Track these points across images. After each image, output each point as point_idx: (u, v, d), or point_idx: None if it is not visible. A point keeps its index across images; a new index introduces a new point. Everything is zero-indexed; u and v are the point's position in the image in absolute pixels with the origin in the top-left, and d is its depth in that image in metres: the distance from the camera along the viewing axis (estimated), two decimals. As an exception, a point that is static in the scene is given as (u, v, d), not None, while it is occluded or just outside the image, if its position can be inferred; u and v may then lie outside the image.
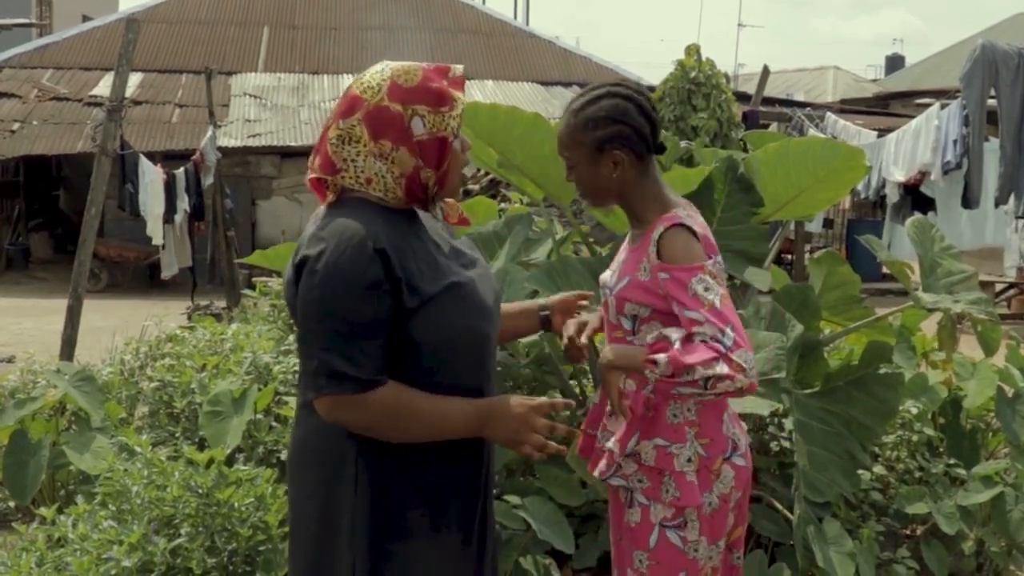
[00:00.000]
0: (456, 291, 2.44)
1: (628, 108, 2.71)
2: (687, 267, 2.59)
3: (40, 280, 17.71)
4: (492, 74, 22.42)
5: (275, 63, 21.99)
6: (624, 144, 2.70)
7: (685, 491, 2.68)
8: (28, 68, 20.57)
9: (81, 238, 7.46)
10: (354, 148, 2.44)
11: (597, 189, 2.78)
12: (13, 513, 5.77)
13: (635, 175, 2.75)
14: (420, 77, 2.49)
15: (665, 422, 2.72)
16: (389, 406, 2.36)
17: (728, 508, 2.77)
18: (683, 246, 2.63)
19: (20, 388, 6.11)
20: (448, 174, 2.51)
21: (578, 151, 2.74)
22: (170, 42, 21.81)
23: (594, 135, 2.70)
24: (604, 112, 2.70)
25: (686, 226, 2.65)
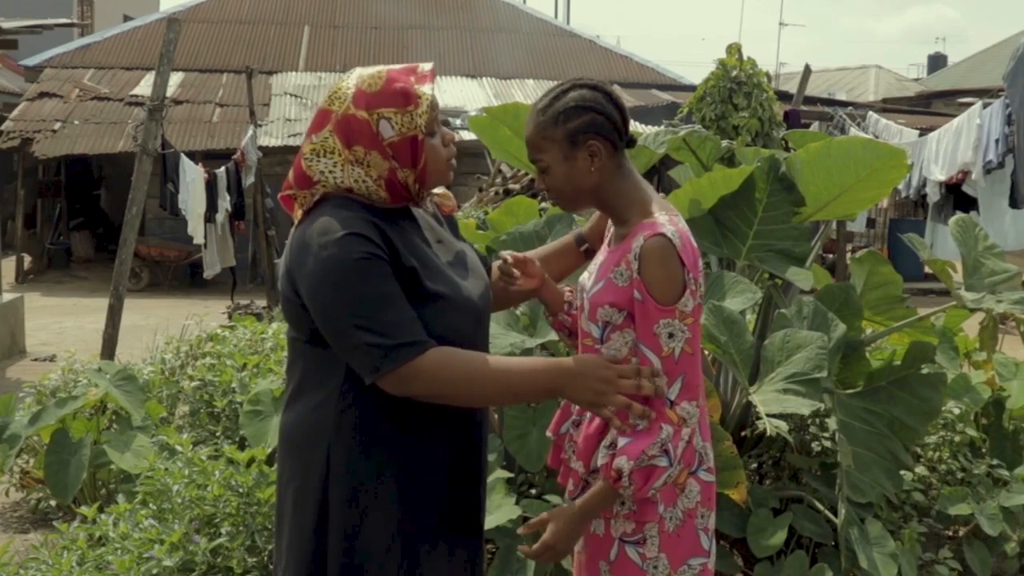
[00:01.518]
0: (441, 292, 2.45)
1: (597, 96, 2.61)
2: (660, 307, 2.46)
3: (81, 279, 17.88)
4: (532, 73, 22.41)
5: (316, 62, 22.08)
6: (599, 133, 2.58)
7: (643, 506, 2.55)
8: (70, 68, 20.76)
9: (122, 237, 7.51)
10: (330, 159, 2.48)
11: (574, 188, 2.63)
12: (54, 512, 5.83)
13: (612, 169, 2.62)
14: (383, 80, 2.51)
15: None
16: (451, 368, 2.36)
17: (696, 525, 2.62)
18: (662, 268, 2.47)
19: (61, 387, 6.17)
20: (426, 170, 2.53)
21: (550, 149, 2.60)
22: (211, 41, 21.96)
23: (566, 127, 2.57)
24: (573, 102, 2.59)
25: (667, 237, 2.49)
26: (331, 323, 2.37)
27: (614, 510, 2.58)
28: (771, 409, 3.57)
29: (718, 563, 3.89)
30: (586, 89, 2.62)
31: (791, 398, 3.62)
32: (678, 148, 4.58)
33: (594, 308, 2.58)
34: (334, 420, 2.44)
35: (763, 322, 4.49)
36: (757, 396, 3.71)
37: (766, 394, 3.69)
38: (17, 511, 6.13)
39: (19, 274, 17.50)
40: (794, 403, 3.59)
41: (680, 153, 4.66)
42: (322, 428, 2.45)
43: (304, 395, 2.50)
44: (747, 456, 4.33)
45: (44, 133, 17.75)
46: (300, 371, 2.52)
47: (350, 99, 2.50)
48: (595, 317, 2.59)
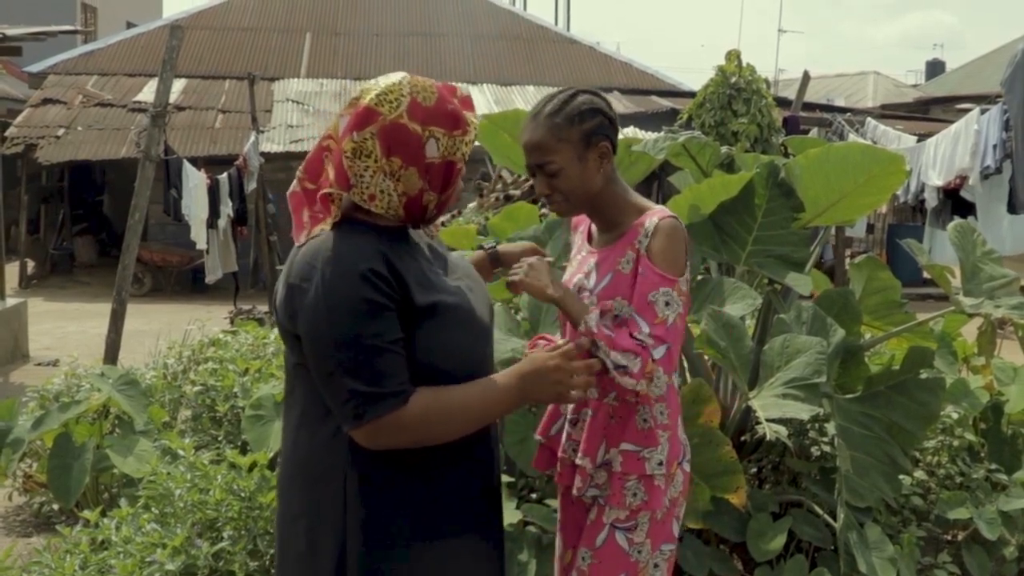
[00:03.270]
0: (449, 312, 2.37)
1: (601, 102, 2.72)
2: (663, 275, 2.60)
3: (84, 284, 17.90)
4: (533, 80, 22.44)
5: (317, 69, 22.11)
6: (607, 136, 2.70)
7: (652, 495, 2.69)
8: (73, 74, 20.78)
9: (125, 242, 7.54)
10: (363, 163, 2.36)
11: (584, 190, 2.69)
12: (57, 516, 5.85)
13: (610, 173, 2.74)
14: (437, 97, 2.41)
15: (634, 428, 2.71)
16: (431, 410, 2.29)
17: (674, 513, 2.78)
18: (673, 242, 2.63)
19: (64, 391, 6.19)
20: (450, 199, 2.46)
21: (564, 150, 2.65)
22: (213, 48, 21.99)
23: (582, 128, 2.66)
24: (587, 105, 2.68)
25: (679, 220, 2.68)
26: (319, 360, 2.29)
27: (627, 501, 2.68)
28: (770, 414, 3.60)
29: (718, 567, 3.93)
30: (591, 94, 2.73)
31: (790, 403, 3.64)
32: (678, 154, 4.61)
33: (607, 301, 2.67)
34: (348, 454, 2.33)
35: (762, 327, 4.52)
36: (757, 401, 3.73)
37: (765, 399, 3.71)
38: (20, 515, 6.14)
39: (22, 279, 17.53)
40: (793, 408, 3.61)
41: (680, 159, 4.69)
42: (336, 462, 2.35)
43: (310, 424, 2.39)
44: (746, 461, 4.35)
45: (48, 139, 17.78)
46: (302, 399, 2.42)
47: (405, 108, 2.37)
48: (599, 311, 2.66)
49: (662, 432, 2.72)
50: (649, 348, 2.54)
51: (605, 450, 2.72)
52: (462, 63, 22.83)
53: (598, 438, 2.71)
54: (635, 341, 2.55)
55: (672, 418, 2.75)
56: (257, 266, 13.62)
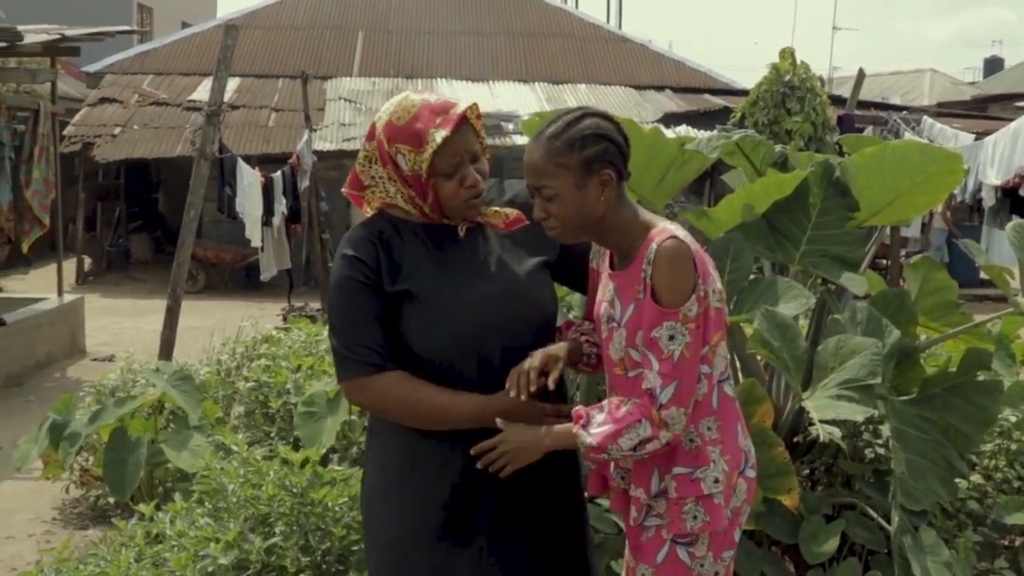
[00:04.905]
0: (418, 303, 2.63)
1: (609, 126, 2.59)
2: (662, 310, 2.47)
3: (139, 281, 18.11)
4: (584, 78, 22.40)
5: (370, 67, 22.21)
6: (611, 163, 2.56)
7: (714, 515, 2.58)
8: (129, 74, 21.04)
9: (180, 240, 7.61)
10: (372, 169, 2.73)
11: (581, 217, 2.57)
12: (113, 509, 5.92)
13: (615, 200, 2.58)
14: (411, 116, 2.66)
15: (683, 450, 2.59)
16: (394, 390, 2.61)
17: (738, 521, 2.68)
18: (673, 268, 2.48)
19: (120, 387, 6.27)
20: (439, 204, 2.68)
21: (562, 176, 2.53)
22: (267, 47, 22.15)
23: (582, 155, 2.52)
24: (590, 130, 2.55)
25: (680, 240, 2.50)
26: (329, 323, 2.72)
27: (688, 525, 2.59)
28: (824, 415, 3.56)
29: (770, 569, 3.90)
30: (598, 118, 2.59)
31: (844, 404, 3.60)
32: (731, 153, 4.58)
33: (632, 334, 2.56)
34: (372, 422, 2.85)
35: (816, 328, 4.48)
36: (810, 402, 3.70)
37: (819, 400, 3.68)
38: (77, 508, 6.23)
39: (79, 276, 17.76)
40: (847, 409, 3.58)
41: (733, 158, 4.66)
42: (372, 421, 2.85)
43: None
44: (799, 462, 4.31)
45: (104, 138, 18.01)
46: None
47: (383, 125, 2.70)
48: (635, 343, 2.56)
49: (712, 448, 2.60)
50: (655, 395, 2.47)
51: (659, 479, 2.61)
52: (514, 61, 22.84)
53: (649, 467, 2.62)
54: (628, 411, 2.48)
55: (724, 431, 2.63)
56: (310, 263, 13.68)
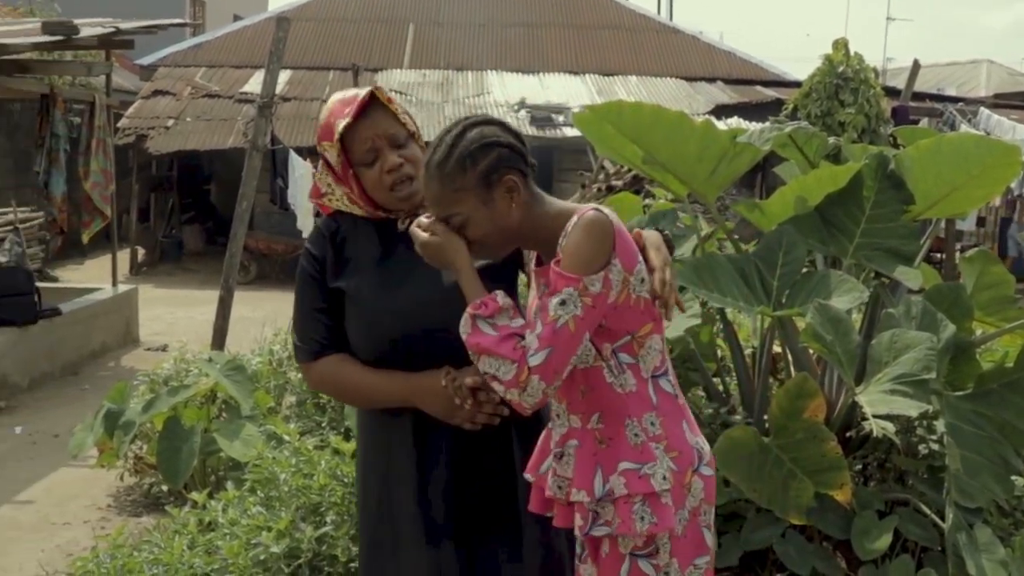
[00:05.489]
0: (351, 298, 2.75)
1: (494, 131, 2.45)
2: (563, 273, 2.32)
3: (192, 271, 18.26)
4: (635, 70, 22.31)
5: (420, 60, 22.26)
6: (510, 166, 2.43)
7: (661, 515, 2.42)
8: (182, 67, 21.22)
9: (232, 231, 7.67)
10: (323, 174, 2.83)
11: (500, 232, 2.45)
12: (166, 497, 5.99)
13: (528, 200, 2.46)
14: (328, 113, 2.77)
15: (628, 445, 2.45)
16: (328, 375, 2.80)
17: (699, 523, 2.52)
18: (587, 237, 2.34)
19: (173, 376, 6.33)
20: (367, 196, 2.76)
21: (465, 199, 2.42)
22: (318, 39, 22.25)
23: (477, 171, 2.40)
24: (476, 143, 2.41)
25: (605, 214, 2.37)
26: None
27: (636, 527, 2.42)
28: (878, 410, 3.53)
29: (821, 565, 3.87)
30: (481, 125, 2.46)
31: (898, 399, 3.57)
32: (784, 145, 4.55)
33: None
34: None
35: (870, 322, 4.44)
36: (863, 396, 3.67)
37: (873, 395, 3.65)
38: (131, 495, 6.31)
39: (133, 266, 17.94)
40: (901, 404, 3.54)
41: (786, 150, 4.63)
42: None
43: None
44: (852, 457, 4.27)
45: (158, 130, 18.17)
46: None
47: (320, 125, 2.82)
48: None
49: (655, 444, 2.45)
50: (525, 355, 2.32)
51: (604, 479, 2.44)
52: (564, 53, 22.80)
53: (591, 468, 2.45)
54: (518, 349, 2.34)
55: (667, 427, 2.48)
56: (359, 255, 13.75)
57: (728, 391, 4.53)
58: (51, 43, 9.15)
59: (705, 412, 4.29)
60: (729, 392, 4.52)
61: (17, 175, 17.26)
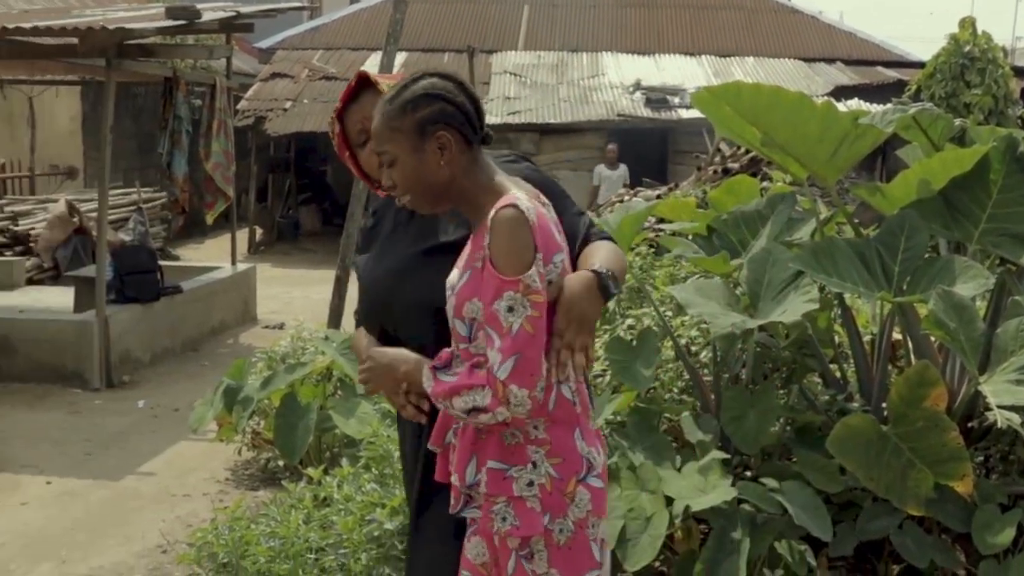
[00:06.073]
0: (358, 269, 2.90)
1: (447, 85, 2.45)
2: (502, 278, 2.28)
3: (308, 251, 18.55)
4: (753, 51, 22.01)
5: (535, 41, 22.24)
6: (449, 123, 2.41)
7: (525, 520, 2.36)
8: (300, 49, 21.52)
9: (349, 211, 7.76)
10: None
11: (425, 183, 2.44)
12: (282, 472, 6.10)
13: (466, 163, 2.44)
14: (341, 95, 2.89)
15: (501, 443, 2.40)
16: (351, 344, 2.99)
17: (587, 536, 2.43)
18: (511, 236, 2.30)
19: (290, 354, 6.44)
20: (367, 176, 2.87)
21: (398, 140, 2.43)
22: (433, 21, 22.37)
23: (414, 117, 2.41)
24: (422, 90, 2.43)
25: (519, 208, 2.32)
26: None
27: (495, 526, 2.39)
28: (1002, 400, 3.43)
29: (940, 557, 3.79)
30: (437, 78, 2.46)
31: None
32: (907, 127, 4.44)
33: (460, 304, 2.40)
34: None
35: (995, 309, 4.31)
36: (987, 386, 3.57)
37: (997, 384, 3.55)
38: (248, 469, 6.44)
39: (251, 245, 18.29)
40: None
41: (909, 132, 4.52)
42: None
43: None
44: (973, 448, 4.17)
45: (276, 112, 18.47)
46: None
47: None
48: (461, 314, 2.40)
49: (535, 448, 2.39)
50: (494, 371, 2.28)
51: (476, 469, 2.42)
52: (680, 34, 22.57)
53: (468, 455, 2.43)
54: (476, 374, 2.32)
55: (554, 432, 2.41)
56: (473, 236, 13.81)
57: (845, 378, 4.45)
58: (174, 28, 9.35)
59: (821, 399, 4.23)
60: (846, 379, 4.44)
61: (141, 156, 17.72)
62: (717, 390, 4.26)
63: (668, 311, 4.96)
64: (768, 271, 4.08)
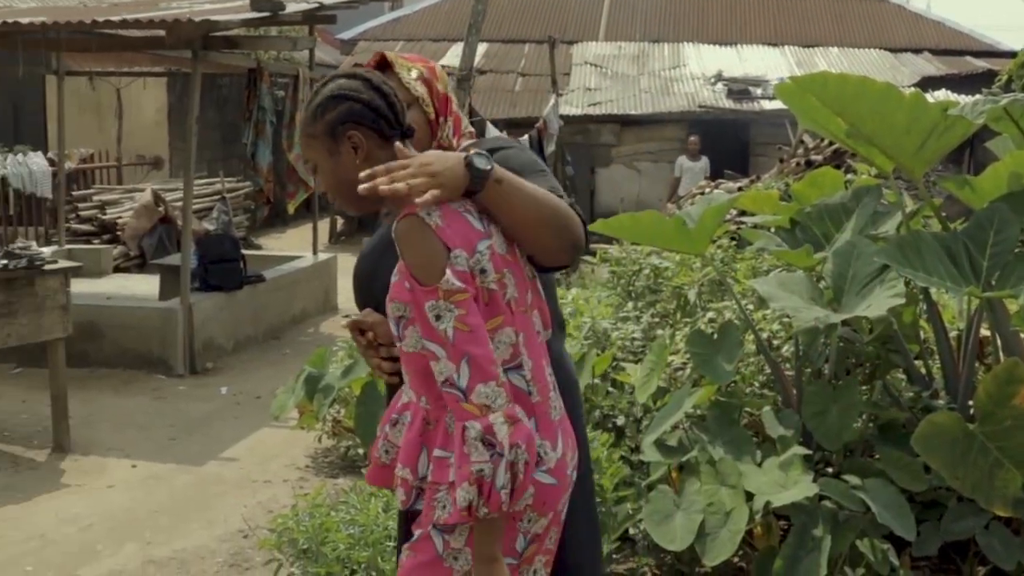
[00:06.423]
0: None
1: (354, 84, 2.44)
2: (425, 288, 2.24)
3: (389, 241, 18.65)
4: (837, 40, 21.72)
5: (616, 31, 22.17)
6: (358, 122, 2.41)
7: (456, 507, 2.27)
8: (381, 41, 21.68)
9: (430, 202, 7.79)
10: None
11: (347, 184, 2.41)
12: (362, 459, 6.14)
13: (384, 160, 2.38)
14: None
15: (445, 432, 2.34)
16: None
17: (517, 528, 2.36)
18: (416, 247, 2.27)
19: (372, 343, 6.46)
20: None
21: (314, 147, 2.45)
22: (514, 12, 22.39)
23: (324, 121, 2.42)
24: (329, 93, 2.43)
25: (417, 216, 2.26)
26: None
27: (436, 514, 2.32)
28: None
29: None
30: (344, 79, 2.46)
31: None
32: (998, 118, 4.34)
33: (388, 304, 2.37)
34: None
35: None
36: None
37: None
38: (328, 457, 6.50)
39: (332, 235, 18.45)
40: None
41: (1000, 124, 4.42)
42: None
43: None
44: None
45: (357, 102, 18.61)
46: None
47: None
48: (388, 313, 2.38)
49: None
50: (455, 383, 2.21)
51: (427, 460, 2.37)
52: (763, 24, 22.35)
53: (417, 447, 2.37)
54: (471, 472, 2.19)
55: None
56: (553, 228, 13.79)
57: (930, 374, 4.38)
58: (259, 19, 9.44)
59: (905, 395, 4.16)
60: (931, 375, 4.37)
61: (225, 147, 17.95)
62: (799, 385, 4.22)
63: (750, 304, 4.91)
64: (852, 265, 4.02)
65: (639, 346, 5.26)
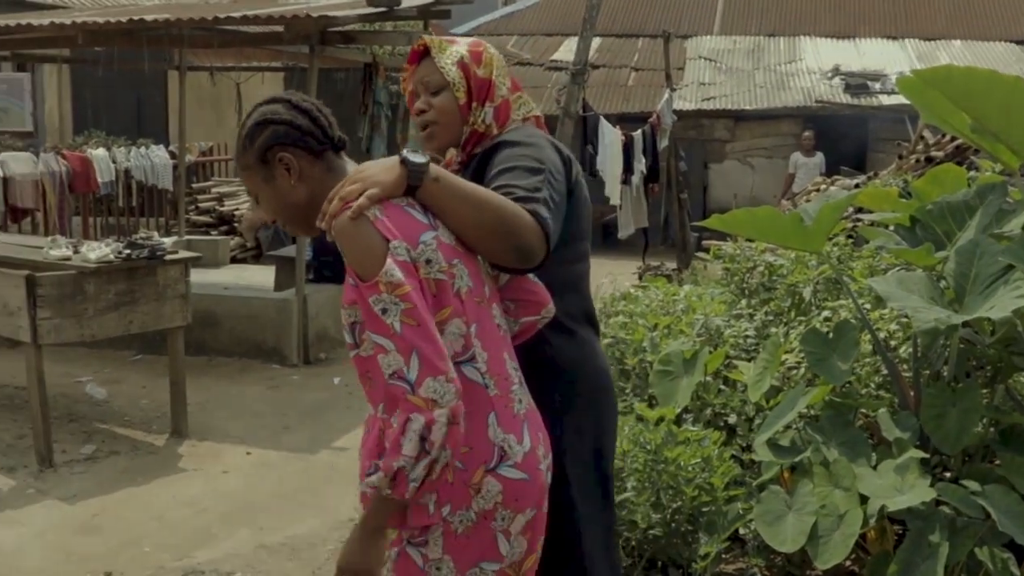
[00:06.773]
0: None
1: (274, 108, 2.46)
2: (367, 283, 2.23)
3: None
4: (960, 33, 21.17)
5: (731, 25, 21.94)
6: (284, 143, 2.42)
7: (413, 512, 2.28)
8: (495, 35, 21.72)
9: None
10: None
11: (289, 207, 2.46)
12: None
13: (319, 175, 2.44)
14: None
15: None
16: None
17: (492, 528, 2.34)
18: (354, 243, 2.28)
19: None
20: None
21: (251, 177, 2.48)
22: (628, 6, 22.29)
23: (254, 149, 2.44)
24: (252, 122, 2.46)
25: (347, 214, 2.28)
26: None
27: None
28: None
29: None
30: (265, 105, 2.49)
31: None
32: None
33: (342, 310, 2.38)
34: None
35: None
36: None
37: None
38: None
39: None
40: None
41: None
42: None
43: None
44: None
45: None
46: None
47: None
48: (343, 321, 2.38)
49: None
50: (404, 376, 2.19)
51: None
52: (882, 17, 21.90)
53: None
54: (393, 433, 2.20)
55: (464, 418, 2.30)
56: (667, 223, 13.72)
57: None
58: (374, 15, 9.54)
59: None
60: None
61: (341, 140, 18.18)
62: (917, 387, 4.12)
63: (866, 304, 4.81)
64: (975, 264, 3.92)
65: (752, 344, 5.20)
